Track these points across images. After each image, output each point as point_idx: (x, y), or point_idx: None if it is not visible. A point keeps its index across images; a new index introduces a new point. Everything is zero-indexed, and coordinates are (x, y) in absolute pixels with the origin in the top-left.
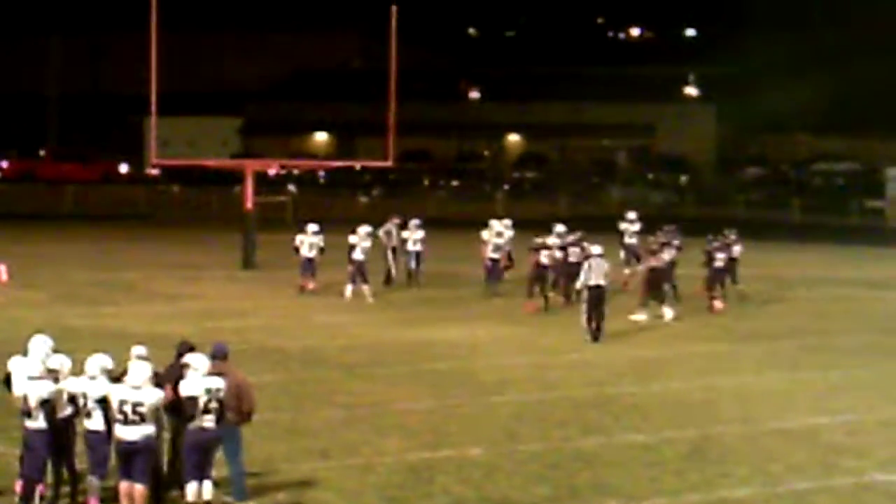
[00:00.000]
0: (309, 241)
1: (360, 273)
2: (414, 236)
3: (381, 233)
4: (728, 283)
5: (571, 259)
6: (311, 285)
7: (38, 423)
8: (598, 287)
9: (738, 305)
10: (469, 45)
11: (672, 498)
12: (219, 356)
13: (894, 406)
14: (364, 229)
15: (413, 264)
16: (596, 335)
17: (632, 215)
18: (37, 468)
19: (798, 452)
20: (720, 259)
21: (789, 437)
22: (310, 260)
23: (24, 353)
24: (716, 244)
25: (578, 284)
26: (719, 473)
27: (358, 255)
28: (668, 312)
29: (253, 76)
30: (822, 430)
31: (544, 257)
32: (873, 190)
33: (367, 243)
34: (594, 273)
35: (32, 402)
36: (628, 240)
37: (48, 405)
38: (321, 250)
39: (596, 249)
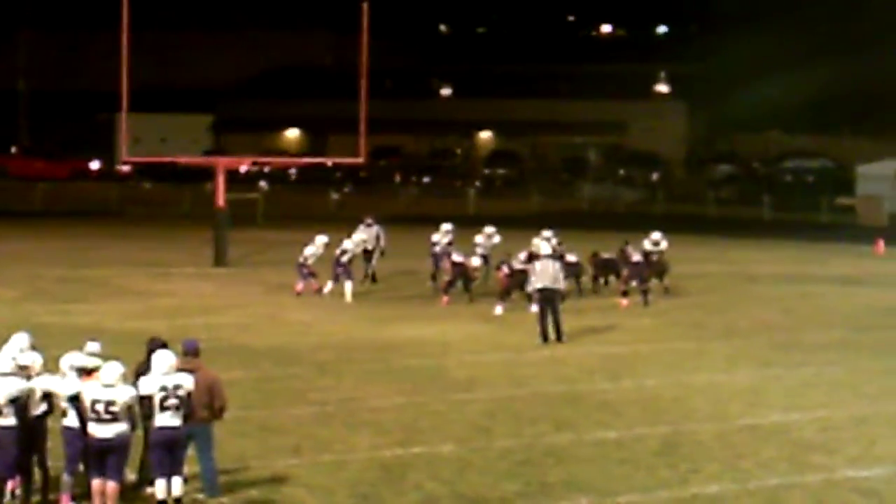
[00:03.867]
0: (444, 239)
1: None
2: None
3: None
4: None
5: (635, 258)
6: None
7: (8, 420)
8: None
9: (712, 302)
10: (440, 42)
11: (643, 494)
12: (189, 353)
13: (864, 402)
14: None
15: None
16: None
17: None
18: (7, 465)
19: (769, 449)
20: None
21: (760, 434)
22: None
23: None
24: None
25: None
26: (690, 470)
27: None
28: (498, 309)
29: (225, 73)
30: (793, 427)
31: (517, 262)
32: (843, 187)
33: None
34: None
35: (1, 400)
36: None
37: (18, 402)
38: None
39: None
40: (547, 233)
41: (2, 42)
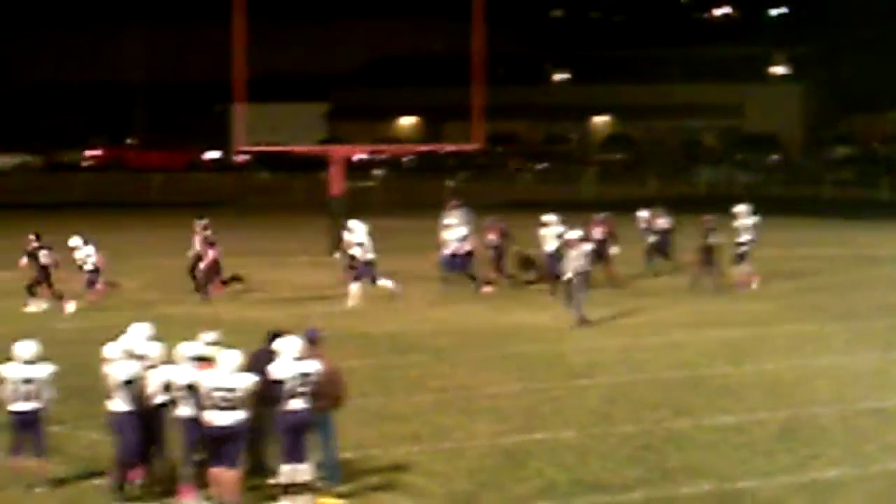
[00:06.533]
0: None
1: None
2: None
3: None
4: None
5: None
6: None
7: (122, 405)
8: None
9: (831, 285)
10: (553, 27)
11: (763, 479)
12: (311, 341)
13: None
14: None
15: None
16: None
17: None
18: (128, 451)
19: (892, 432)
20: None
21: (883, 417)
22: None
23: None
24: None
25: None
26: (811, 454)
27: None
28: None
29: (339, 62)
30: None
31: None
32: None
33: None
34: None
35: (115, 383)
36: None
37: (131, 387)
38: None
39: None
40: (547, 217)
41: (115, 35)
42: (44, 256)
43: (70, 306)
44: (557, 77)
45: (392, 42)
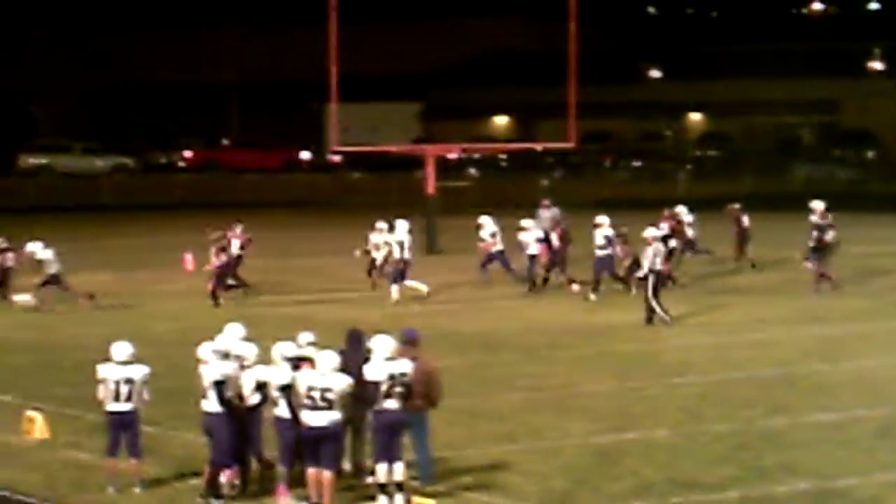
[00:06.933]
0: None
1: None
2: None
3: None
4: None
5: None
6: None
7: (213, 405)
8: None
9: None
10: (648, 24)
11: (862, 477)
12: (408, 342)
13: None
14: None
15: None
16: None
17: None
18: (221, 452)
19: None
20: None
21: None
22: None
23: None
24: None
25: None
26: None
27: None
28: None
29: (433, 61)
30: None
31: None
32: None
33: None
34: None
35: (206, 383)
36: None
37: (222, 387)
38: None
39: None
40: (600, 218)
41: (211, 35)
42: (9, 260)
43: (22, 297)
44: (652, 74)
45: (486, 41)
